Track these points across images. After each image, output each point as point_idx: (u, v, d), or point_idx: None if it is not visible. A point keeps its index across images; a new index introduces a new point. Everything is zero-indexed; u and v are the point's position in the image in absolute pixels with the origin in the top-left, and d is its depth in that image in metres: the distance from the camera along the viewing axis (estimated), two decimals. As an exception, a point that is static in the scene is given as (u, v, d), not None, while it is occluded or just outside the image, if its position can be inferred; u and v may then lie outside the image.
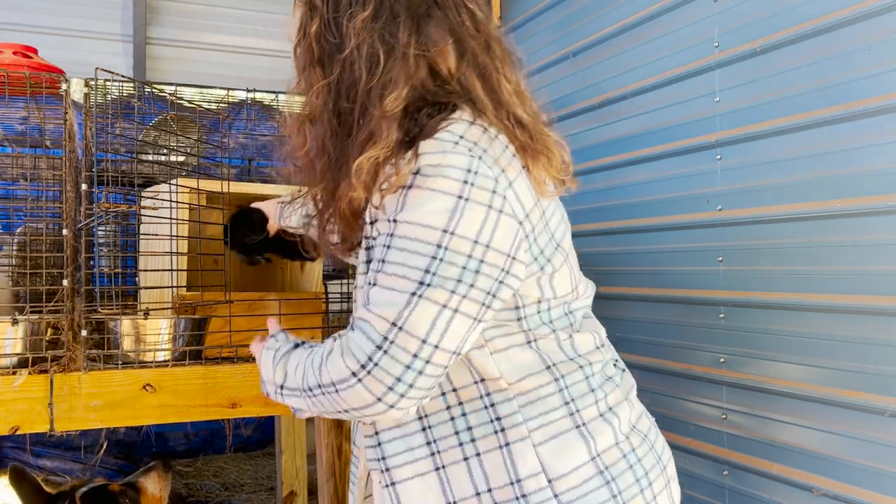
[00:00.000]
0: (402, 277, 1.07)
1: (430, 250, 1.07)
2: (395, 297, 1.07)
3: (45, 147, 2.23)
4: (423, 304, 1.06)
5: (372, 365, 1.06)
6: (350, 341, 1.10)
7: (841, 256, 1.62)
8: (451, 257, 1.07)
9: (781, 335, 1.75)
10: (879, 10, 1.54)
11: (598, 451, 1.17)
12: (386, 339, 1.06)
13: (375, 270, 1.11)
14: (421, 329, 1.06)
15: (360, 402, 1.09)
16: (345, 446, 2.64)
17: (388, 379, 1.06)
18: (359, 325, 1.10)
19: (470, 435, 1.16)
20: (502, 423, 1.15)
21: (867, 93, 1.56)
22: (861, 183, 1.58)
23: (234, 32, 4.43)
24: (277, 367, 1.24)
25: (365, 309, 1.10)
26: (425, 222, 1.07)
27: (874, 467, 1.54)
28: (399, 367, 1.06)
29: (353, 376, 1.08)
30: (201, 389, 1.74)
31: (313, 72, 1.22)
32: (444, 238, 1.07)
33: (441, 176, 1.08)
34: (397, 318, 1.06)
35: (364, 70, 1.15)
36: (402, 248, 1.08)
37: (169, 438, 4.50)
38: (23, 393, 1.60)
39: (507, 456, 1.14)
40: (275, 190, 2.25)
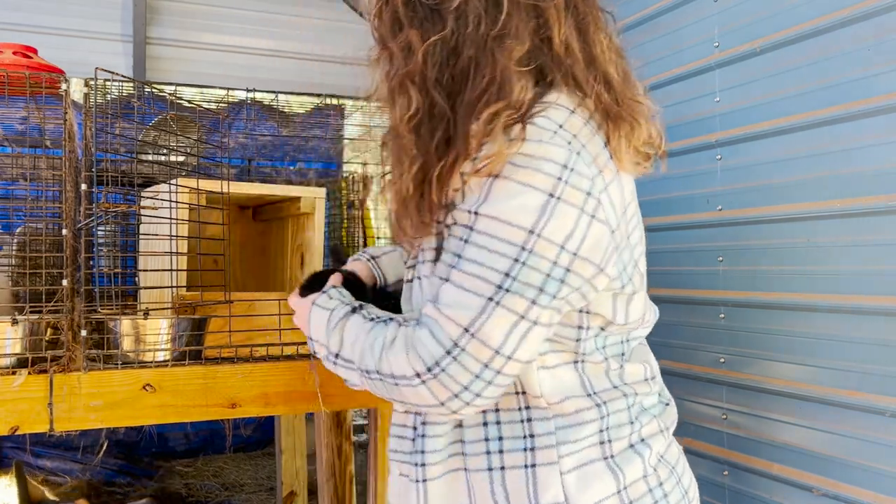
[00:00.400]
0: (478, 278, 0.98)
1: (512, 252, 0.97)
2: (469, 300, 0.98)
3: (44, 147, 2.23)
4: (500, 312, 0.97)
5: (439, 370, 0.99)
6: (416, 339, 1.01)
7: (841, 256, 1.62)
8: (534, 262, 0.97)
9: (781, 335, 1.75)
10: (879, 10, 1.54)
11: (625, 484, 1.09)
12: (456, 346, 0.98)
13: (449, 265, 1.01)
14: (495, 339, 0.97)
15: (421, 402, 1.03)
16: (345, 446, 2.64)
17: (454, 386, 0.99)
18: (427, 322, 1.01)
19: (499, 445, 1.09)
20: (534, 443, 1.08)
21: (867, 93, 1.56)
22: (861, 183, 1.58)
23: (234, 32, 4.44)
24: (333, 332, 1.13)
25: (434, 307, 1.01)
26: (510, 220, 0.97)
27: (874, 467, 1.54)
28: (468, 376, 0.98)
29: (416, 377, 1.00)
30: (201, 389, 1.74)
31: (412, 33, 1.06)
32: (529, 240, 0.97)
33: (534, 169, 0.98)
34: (470, 325, 0.97)
35: (485, 16, 1.03)
36: (482, 245, 0.98)
37: (169, 438, 4.51)
38: (22, 393, 1.60)
39: (530, 477, 1.07)
40: (275, 190, 2.25)
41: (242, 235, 2.60)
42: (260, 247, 2.61)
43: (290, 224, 2.35)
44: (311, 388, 1.83)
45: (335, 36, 4.61)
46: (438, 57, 1.04)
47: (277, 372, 1.81)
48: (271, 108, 3.02)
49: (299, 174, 3.23)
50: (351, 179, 3.34)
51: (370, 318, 1.13)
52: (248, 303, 1.90)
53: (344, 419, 2.66)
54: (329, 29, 4.59)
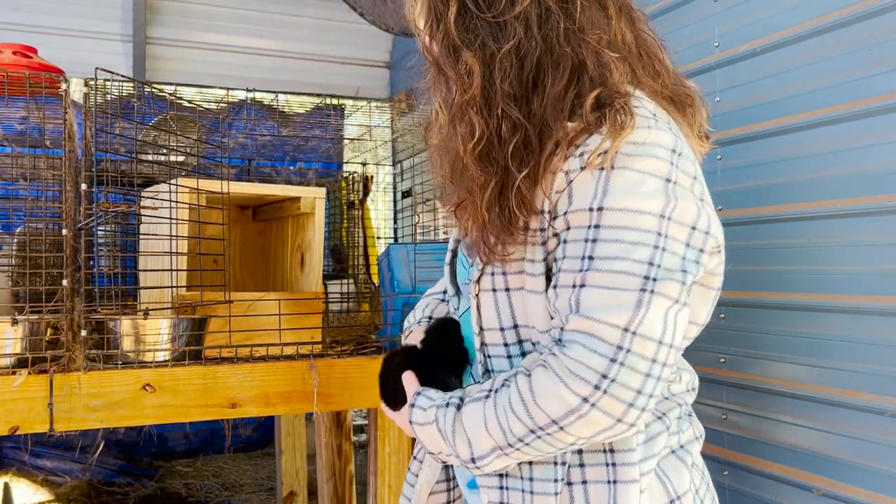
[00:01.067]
0: (623, 273, 0.92)
1: (651, 239, 0.93)
2: (621, 298, 0.92)
3: (44, 147, 2.23)
4: (657, 300, 0.92)
5: (608, 382, 0.90)
6: (567, 362, 0.92)
7: (841, 256, 1.62)
8: (671, 245, 0.94)
9: (781, 335, 1.75)
10: (879, 10, 1.54)
11: (676, 493, 1.06)
12: (620, 349, 0.90)
13: (579, 270, 0.95)
14: (656, 329, 0.92)
15: (595, 429, 0.93)
16: (345, 446, 2.64)
17: (628, 395, 0.91)
18: (575, 338, 0.92)
19: (579, 459, 1.03)
20: (615, 458, 1.02)
21: (867, 93, 1.56)
22: (861, 183, 1.58)
23: (234, 32, 4.43)
24: (456, 439, 1.01)
25: (580, 318, 0.93)
26: (640, 208, 0.93)
27: (874, 467, 1.54)
28: (639, 378, 0.91)
29: (584, 402, 0.91)
30: (201, 389, 1.74)
31: (469, 55, 1.02)
32: (662, 224, 0.94)
33: (648, 155, 0.95)
34: (630, 322, 0.91)
35: (559, 13, 1.00)
36: (618, 239, 0.93)
37: (168, 438, 4.50)
38: (22, 393, 1.60)
39: (612, 493, 1.01)
40: (275, 190, 2.25)
41: (242, 235, 2.60)
42: (260, 247, 2.61)
43: (290, 224, 2.35)
44: (311, 389, 1.83)
45: (335, 36, 4.60)
46: (507, 69, 1.00)
47: (277, 372, 1.81)
48: (271, 108, 3.02)
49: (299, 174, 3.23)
50: (351, 179, 3.34)
51: (483, 397, 1.01)
52: (248, 303, 1.90)
53: (344, 419, 2.66)
54: (329, 29, 4.59)
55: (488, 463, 0.99)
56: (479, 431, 0.99)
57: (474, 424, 0.99)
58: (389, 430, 2.09)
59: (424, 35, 1.09)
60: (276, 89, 2.48)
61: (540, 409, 0.93)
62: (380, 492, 2.10)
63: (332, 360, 1.87)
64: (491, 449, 0.98)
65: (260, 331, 1.87)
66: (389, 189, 3.64)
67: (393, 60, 4.79)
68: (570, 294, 0.94)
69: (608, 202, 0.94)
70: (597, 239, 0.94)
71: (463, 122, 1.02)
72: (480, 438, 0.99)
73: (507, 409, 0.96)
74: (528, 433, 0.95)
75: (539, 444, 0.95)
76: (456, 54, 1.03)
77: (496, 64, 1.00)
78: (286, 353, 1.86)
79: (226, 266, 1.89)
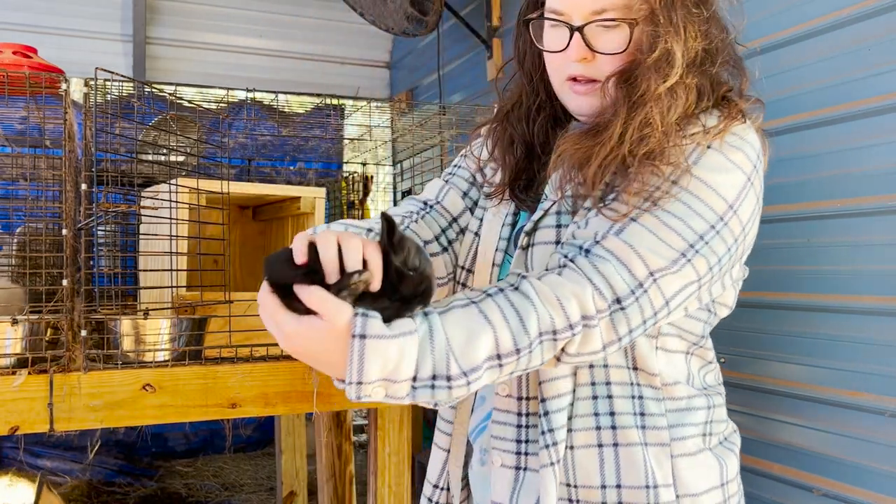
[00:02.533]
0: (675, 232, 0.98)
1: (712, 219, 1.00)
2: (662, 249, 0.97)
3: (44, 147, 2.23)
4: (686, 269, 0.98)
5: (618, 308, 0.95)
6: (602, 270, 0.95)
7: (841, 256, 1.62)
8: (725, 234, 1.01)
9: (781, 335, 1.75)
10: (879, 10, 1.54)
11: (728, 478, 1.12)
12: (641, 286, 0.95)
13: (641, 208, 0.99)
14: (670, 291, 0.98)
15: (582, 349, 0.95)
16: (345, 446, 2.64)
17: (622, 329, 0.96)
18: (608, 257, 0.96)
19: (611, 421, 1.06)
20: (645, 421, 1.06)
21: (867, 93, 1.56)
22: (861, 183, 1.58)
23: (234, 32, 4.43)
24: (448, 351, 0.87)
25: (623, 242, 0.97)
26: (719, 190, 1.01)
27: (874, 467, 1.54)
28: (637, 320, 0.96)
29: (599, 314, 0.94)
30: (201, 389, 1.74)
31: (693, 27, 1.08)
32: (727, 213, 1.01)
33: (742, 150, 1.04)
34: (658, 271, 0.96)
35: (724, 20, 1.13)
36: (687, 203, 0.99)
37: (168, 438, 4.50)
38: (22, 393, 1.60)
39: (647, 455, 1.05)
40: (275, 190, 2.25)
41: (242, 235, 2.60)
42: (260, 247, 2.61)
43: (290, 224, 2.35)
44: (311, 389, 1.83)
45: (335, 36, 4.60)
46: (704, 47, 1.08)
47: (277, 372, 1.81)
48: (271, 108, 3.02)
49: (299, 174, 3.23)
50: (351, 179, 3.34)
51: (470, 302, 0.92)
52: (248, 303, 1.90)
53: (344, 419, 2.66)
54: (329, 29, 4.59)
55: (478, 378, 0.89)
56: (475, 338, 0.88)
57: (467, 331, 0.89)
58: (389, 430, 2.09)
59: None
60: (276, 89, 2.48)
61: (576, 305, 0.92)
62: (380, 492, 2.10)
63: (332, 360, 1.86)
64: (486, 358, 0.89)
65: (260, 331, 1.86)
66: (389, 189, 3.64)
67: (393, 60, 4.79)
68: (618, 221, 0.99)
69: (696, 171, 1.01)
70: (670, 193, 0.99)
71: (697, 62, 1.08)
72: (476, 347, 0.88)
73: (520, 308, 0.91)
74: (565, 328, 0.92)
75: (539, 350, 0.92)
76: (686, 29, 1.08)
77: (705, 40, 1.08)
78: (286, 353, 1.86)
79: (226, 266, 1.89)
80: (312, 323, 0.84)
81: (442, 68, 3.83)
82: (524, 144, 1.21)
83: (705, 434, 1.11)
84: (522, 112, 1.22)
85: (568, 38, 1.08)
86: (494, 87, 1.31)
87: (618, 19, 1.06)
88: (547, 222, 1.10)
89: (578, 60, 1.08)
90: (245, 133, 2.94)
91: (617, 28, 1.07)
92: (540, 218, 1.11)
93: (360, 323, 0.83)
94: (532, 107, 1.22)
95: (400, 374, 0.85)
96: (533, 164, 1.21)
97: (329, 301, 0.83)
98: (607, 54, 1.08)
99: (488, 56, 3.41)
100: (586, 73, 1.10)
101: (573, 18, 1.08)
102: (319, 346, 0.86)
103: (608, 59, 1.08)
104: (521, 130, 1.21)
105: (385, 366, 0.84)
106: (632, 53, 1.07)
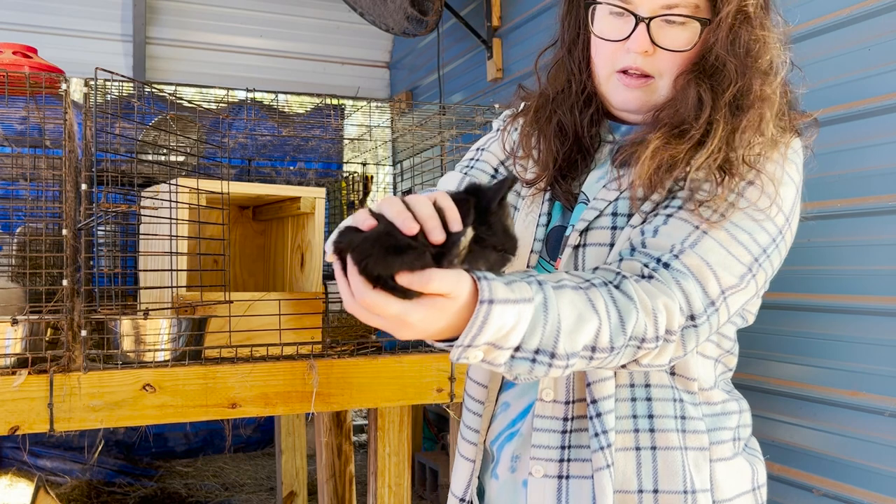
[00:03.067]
0: (743, 246, 0.97)
1: (774, 232, 1.00)
2: (734, 266, 0.96)
3: (44, 147, 2.23)
4: (751, 285, 0.98)
5: (690, 325, 0.93)
6: (685, 286, 0.93)
7: (841, 256, 1.62)
8: (782, 247, 1.02)
9: (781, 335, 1.75)
10: (879, 10, 1.54)
11: (758, 482, 1.11)
12: (713, 304, 0.94)
13: (710, 219, 0.97)
14: (735, 307, 0.97)
15: (653, 362, 0.93)
16: (345, 446, 2.64)
17: (691, 345, 0.94)
18: (687, 273, 0.94)
19: (650, 423, 1.03)
20: (685, 425, 1.04)
21: (867, 93, 1.56)
22: (861, 183, 1.58)
23: (234, 32, 4.43)
24: (559, 325, 0.84)
25: (697, 257, 0.94)
26: (779, 202, 1.00)
27: (874, 467, 1.54)
28: (704, 337, 0.95)
29: (678, 329, 0.92)
30: (201, 390, 1.74)
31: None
32: (785, 226, 1.01)
33: (795, 164, 1.04)
34: (728, 289, 0.95)
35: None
36: (753, 216, 0.98)
37: (168, 439, 4.50)
38: (22, 393, 1.60)
39: (686, 460, 1.03)
40: (275, 190, 2.25)
41: (242, 235, 2.60)
42: (260, 247, 2.61)
43: (290, 224, 2.35)
44: (311, 389, 1.83)
45: (335, 36, 4.61)
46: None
47: (277, 372, 1.81)
48: (271, 108, 3.02)
49: (299, 174, 3.23)
50: (351, 179, 3.34)
51: (579, 286, 0.90)
52: (248, 303, 1.90)
53: (344, 419, 2.66)
54: (329, 29, 4.59)
55: (572, 364, 0.87)
56: (584, 324, 0.86)
57: (578, 314, 0.86)
58: (389, 430, 2.09)
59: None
60: (276, 89, 2.48)
61: (665, 317, 0.90)
62: (380, 492, 2.10)
63: (331, 360, 1.87)
64: (584, 346, 0.87)
65: (260, 331, 1.87)
66: (389, 189, 3.64)
67: (393, 60, 4.79)
68: (691, 231, 0.97)
69: (761, 181, 0.99)
70: (734, 204, 0.97)
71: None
72: (581, 332, 0.86)
73: (622, 307, 0.89)
74: (654, 338, 0.90)
75: (622, 356, 0.90)
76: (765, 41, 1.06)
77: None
78: (286, 353, 1.86)
79: (226, 266, 1.90)
80: (437, 304, 0.78)
81: (442, 68, 3.83)
82: (571, 133, 1.14)
83: (735, 439, 1.10)
84: (571, 100, 1.15)
85: (631, 29, 1.03)
86: (534, 69, 1.22)
87: (689, 16, 1.02)
88: (601, 223, 1.06)
89: (640, 53, 1.04)
90: (245, 133, 2.94)
91: (685, 25, 1.03)
92: (595, 218, 1.06)
93: (486, 288, 0.80)
94: (581, 96, 1.15)
95: (508, 341, 0.82)
96: (574, 154, 1.15)
97: (449, 280, 0.77)
98: (672, 51, 1.03)
99: (488, 56, 3.41)
100: (644, 66, 1.05)
101: (640, 9, 1.03)
102: (444, 322, 0.80)
103: (668, 56, 1.04)
104: (569, 119, 1.14)
105: (499, 331, 0.81)
106: (695, 54, 1.04)
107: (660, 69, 1.05)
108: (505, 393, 1.15)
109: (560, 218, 1.13)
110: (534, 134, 1.17)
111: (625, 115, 1.12)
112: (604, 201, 1.07)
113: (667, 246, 0.96)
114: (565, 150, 1.14)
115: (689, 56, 1.04)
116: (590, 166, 1.14)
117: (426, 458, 3.90)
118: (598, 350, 0.88)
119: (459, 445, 1.21)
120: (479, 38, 3.41)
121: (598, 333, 0.87)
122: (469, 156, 1.28)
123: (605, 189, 1.08)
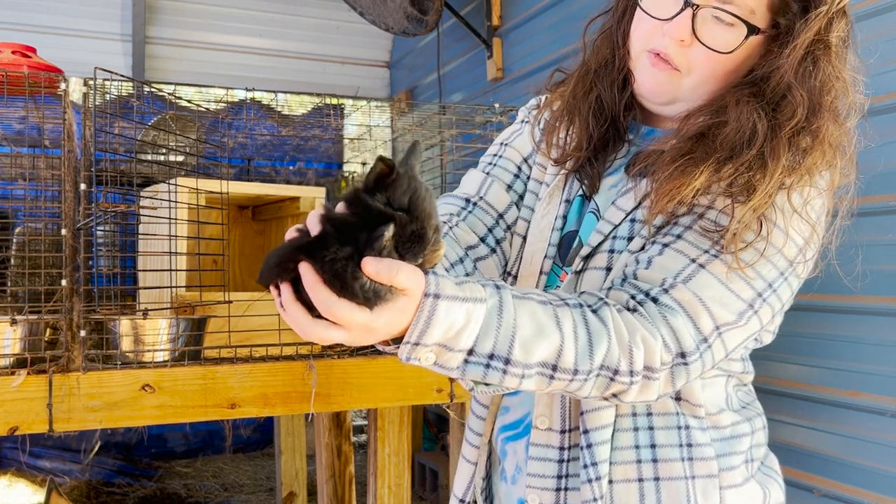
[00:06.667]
0: (745, 282, 0.91)
1: (783, 265, 0.93)
2: (733, 303, 0.90)
3: (43, 147, 2.23)
4: (752, 322, 0.92)
5: (680, 363, 0.88)
6: (673, 324, 0.88)
7: (841, 257, 1.62)
8: (791, 280, 0.95)
9: (781, 335, 1.75)
10: (879, 10, 1.53)
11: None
12: (705, 342, 0.89)
13: (705, 251, 0.91)
14: (733, 344, 0.92)
15: (637, 398, 0.89)
16: (344, 447, 2.64)
17: (680, 382, 0.89)
18: (677, 308, 0.89)
19: (652, 454, 0.99)
20: (692, 452, 0.99)
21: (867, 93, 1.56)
22: (861, 183, 1.57)
23: (234, 32, 4.43)
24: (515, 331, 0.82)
25: (689, 292, 0.89)
26: (791, 234, 0.93)
27: (874, 467, 1.54)
28: (696, 374, 0.90)
29: (661, 367, 0.87)
30: (200, 390, 1.74)
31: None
32: (798, 258, 0.94)
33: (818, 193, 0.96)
34: (723, 326, 0.90)
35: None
36: (757, 248, 0.91)
37: (168, 439, 4.50)
38: (22, 393, 1.60)
39: (691, 490, 0.98)
40: (275, 190, 2.25)
41: (242, 235, 2.60)
42: (259, 247, 2.61)
43: (290, 224, 2.34)
44: (311, 389, 1.83)
45: (335, 36, 4.61)
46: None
47: (277, 372, 1.81)
48: (271, 108, 3.02)
49: (299, 174, 3.23)
50: (351, 179, 3.34)
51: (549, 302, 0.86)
52: (248, 303, 1.90)
53: (344, 419, 2.66)
54: (329, 29, 4.59)
55: (529, 376, 0.83)
56: (542, 337, 0.83)
57: (538, 326, 0.83)
58: (389, 431, 2.09)
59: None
60: (276, 89, 2.48)
61: (640, 354, 0.85)
62: (379, 492, 2.10)
63: (331, 361, 1.87)
64: (540, 362, 0.83)
65: (259, 331, 1.87)
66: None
67: (393, 60, 4.78)
68: (687, 265, 0.91)
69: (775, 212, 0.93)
70: (739, 235, 0.91)
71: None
72: (538, 346, 0.82)
73: (594, 331, 0.85)
74: (626, 373, 0.86)
75: (594, 382, 0.86)
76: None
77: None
78: (285, 353, 1.86)
79: (225, 266, 1.89)
80: (398, 305, 0.76)
81: (442, 68, 3.83)
82: (609, 112, 1.07)
83: (748, 461, 1.06)
84: (612, 76, 1.08)
85: (678, 11, 0.96)
86: (581, 40, 1.13)
87: (740, 18, 0.95)
88: (603, 247, 1.01)
89: (676, 40, 0.97)
90: (244, 133, 2.94)
91: (732, 27, 0.95)
92: (599, 243, 1.02)
93: (433, 282, 0.77)
94: (620, 74, 1.07)
95: (458, 342, 0.79)
96: (610, 135, 1.07)
97: (411, 271, 0.75)
98: (709, 48, 0.96)
99: (488, 55, 3.41)
100: (674, 57, 0.98)
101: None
102: (405, 324, 0.78)
103: (702, 53, 0.97)
104: (608, 95, 1.07)
105: (448, 330, 0.78)
106: (734, 65, 0.97)
107: (689, 65, 0.98)
108: (509, 397, 1.14)
109: (575, 221, 1.09)
110: (566, 114, 1.10)
111: (647, 104, 1.06)
112: (611, 224, 1.02)
113: (657, 279, 0.91)
114: (601, 130, 1.07)
115: (728, 66, 0.97)
116: (618, 153, 1.08)
117: (426, 458, 3.90)
118: (560, 370, 0.84)
119: (463, 448, 1.21)
120: (479, 38, 3.41)
121: (560, 352, 0.83)
122: (492, 151, 1.21)
123: (615, 207, 1.02)
